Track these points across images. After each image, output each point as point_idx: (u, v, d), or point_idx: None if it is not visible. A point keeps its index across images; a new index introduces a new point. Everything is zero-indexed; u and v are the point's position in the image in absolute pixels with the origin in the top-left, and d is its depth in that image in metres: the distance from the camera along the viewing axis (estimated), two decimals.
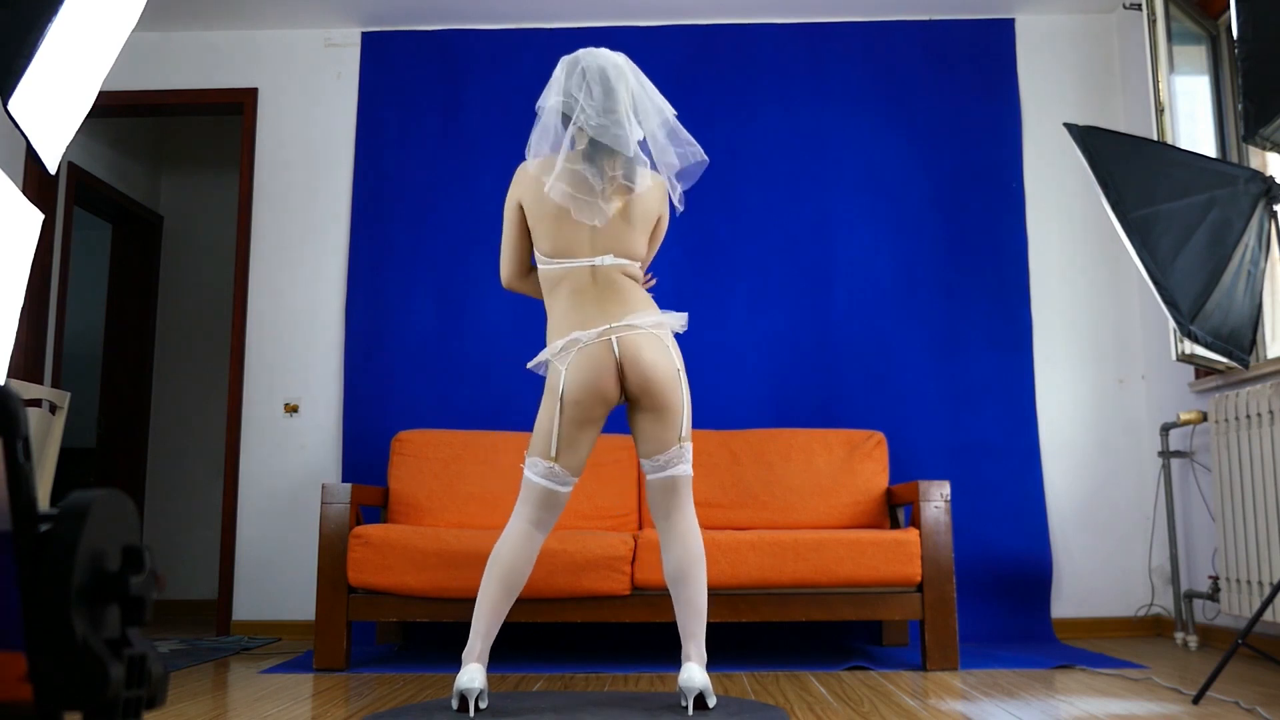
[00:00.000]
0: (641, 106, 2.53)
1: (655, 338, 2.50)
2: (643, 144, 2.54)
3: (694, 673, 2.40)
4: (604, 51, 2.55)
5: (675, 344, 2.55)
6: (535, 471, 2.50)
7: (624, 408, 2.64)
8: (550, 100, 2.51)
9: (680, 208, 2.61)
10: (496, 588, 2.47)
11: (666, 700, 2.56)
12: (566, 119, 2.51)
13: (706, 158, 2.56)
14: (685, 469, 2.53)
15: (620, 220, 2.54)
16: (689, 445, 2.54)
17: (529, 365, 2.62)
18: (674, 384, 2.50)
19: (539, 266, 2.61)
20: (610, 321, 2.48)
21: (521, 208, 2.61)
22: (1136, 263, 2.79)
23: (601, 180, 2.48)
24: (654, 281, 2.79)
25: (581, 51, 2.54)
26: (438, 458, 3.86)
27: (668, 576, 2.53)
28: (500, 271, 2.71)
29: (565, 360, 2.47)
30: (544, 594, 3.22)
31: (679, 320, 2.58)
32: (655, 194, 2.60)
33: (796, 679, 3.03)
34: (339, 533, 3.31)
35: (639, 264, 2.61)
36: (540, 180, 2.53)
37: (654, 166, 2.57)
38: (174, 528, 5.48)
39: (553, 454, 2.47)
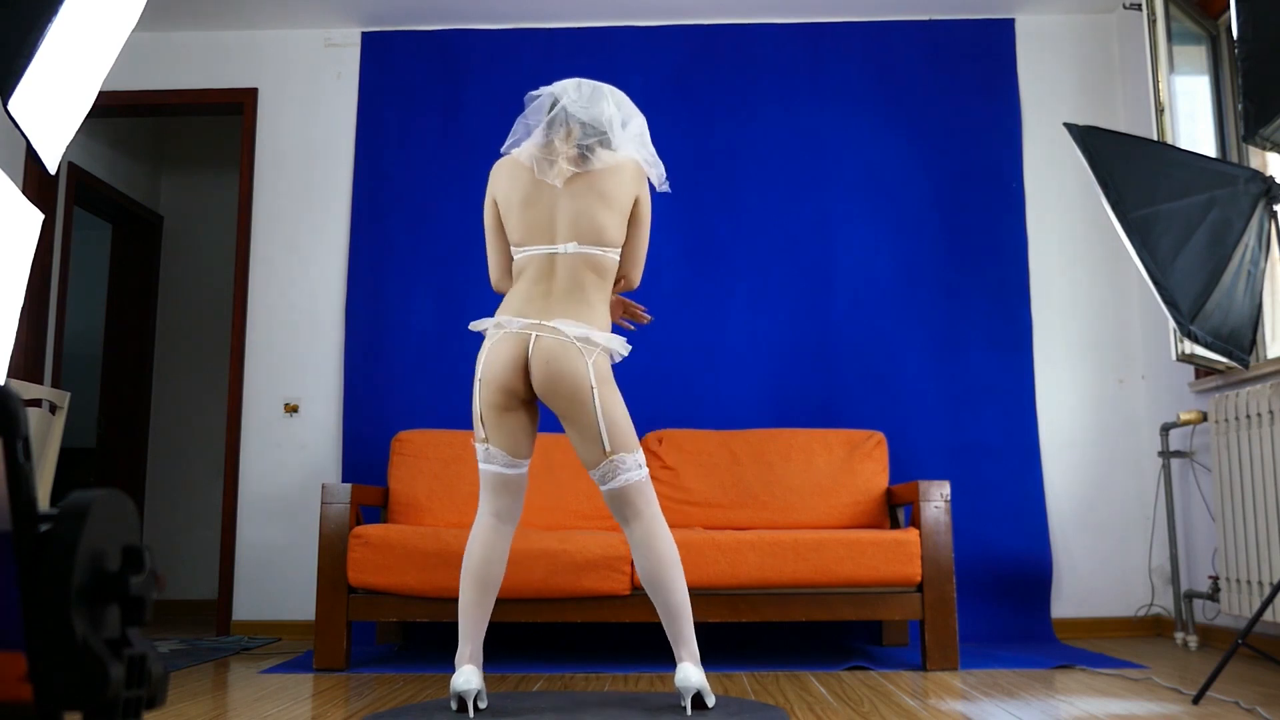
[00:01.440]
0: (626, 121, 2.62)
1: (573, 349, 2.43)
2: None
3: (689, 672, 2.39)
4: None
5: (603, 364, 2.47)
6: (479, 456, 2.53)
7: None
8: (543, 90, 2.61)
9: (662, 187, 2.65)
10: (472, 586, 2.48)
11: (666, 700, 2.56)
12: (553, 105, 2.57)
13: (668, 188, 2.68)
14: (630, 477, 2.46)
15: (590, 196, 2.52)
16: (629, 455, 2.46)
17: (470, 325, 2.63)
18: (581, 399, 2.43)
19: (513, 260, 2.61)
20: (541, 319, 2.47)
21: (496, 204, 2.62)
22: (1136, 263, 2.79)
23: (557, 140, 2.53)
24: (649, 319, 2.85)
25: None
26: (438, 458, 3.86)
27: (642, 583, 2.53)
28: (489, 274, 2.72)
29: (490, 342, 2.50)
30: (544, 594, 3.22)
31: (615, 342, 2.50)
32: (629, 172, 2.57)
33: (796, 679, 3.03)
34: (339, 533, 3.31)
35: (613, 251, 2.55)
36: (511, 167, 2.59)
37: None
38: (174, 528, 5.49)
39: (483, 434, 2.50)
